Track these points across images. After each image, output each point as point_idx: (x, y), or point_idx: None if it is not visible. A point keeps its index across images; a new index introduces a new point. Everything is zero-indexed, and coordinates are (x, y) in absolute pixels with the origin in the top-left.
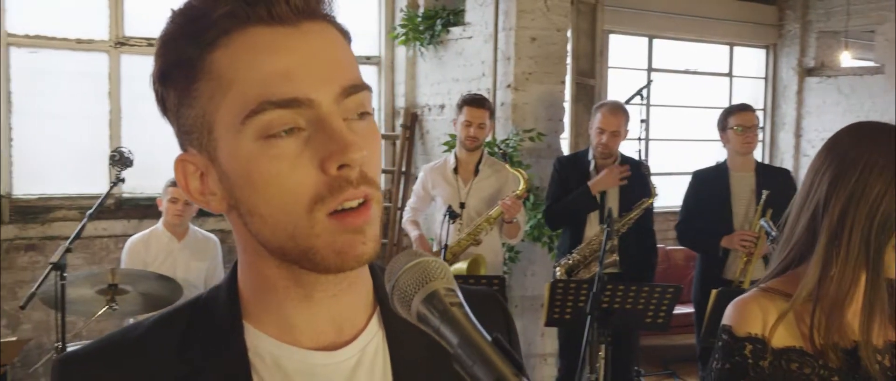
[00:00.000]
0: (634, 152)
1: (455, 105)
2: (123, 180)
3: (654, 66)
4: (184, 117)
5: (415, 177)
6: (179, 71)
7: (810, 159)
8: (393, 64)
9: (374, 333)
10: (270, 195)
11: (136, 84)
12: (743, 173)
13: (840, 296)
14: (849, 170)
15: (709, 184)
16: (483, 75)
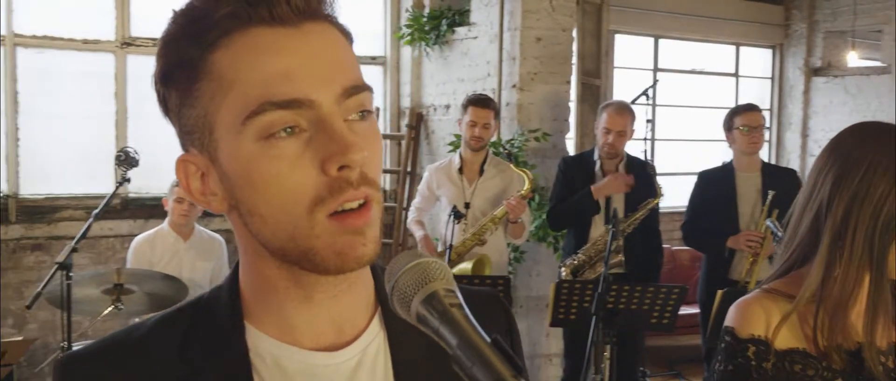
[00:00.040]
0: (640, 152)
1: (460, 105)
2: (129, 180)
3: (660, 66)
4: (185, 118)
5: (420, 177)
6: (181, 71)
7: None
8: (398, 64)
9: (376, 333)
10: (271, 196)
11: (143, 84)
12: (749, 174)
13: (844, 297)
14: (852, 170)
15: (715, 184)
16: (488, 75)
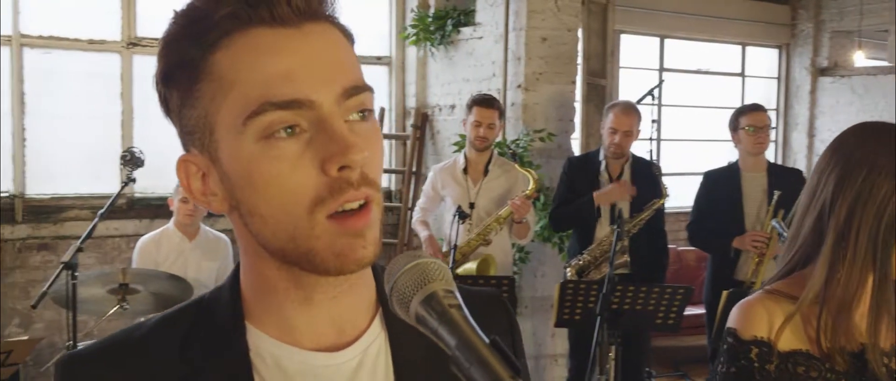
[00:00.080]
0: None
1: (465, 105)
2: (135, 180)
3: (666, 66)
4: (186, 118)
5: (425, 177)
6: (182, 72)
7: None
8: (404, 64)
9: (376, 334)
10: (271, 196)
11: (148, 85)
12: (754, 174)
13: (847, 298)
14: (855, 170)
15: (720, 184)
16: (493, 75)
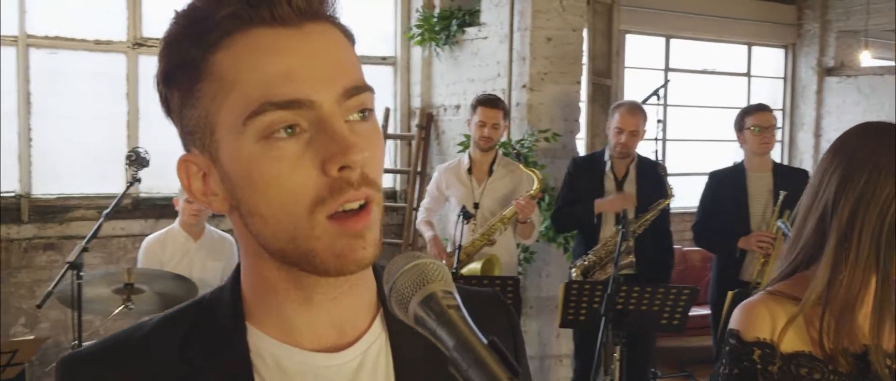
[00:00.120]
0: (651, 153)
1: (470, 105)
2: (140, 180)
3: (672, 66)
4: (187, 118)
5: (430, 177)
6: (182, 72)
7: None
8: (408, 64)
9: (377, 335)
10: (271, 196)
11: (153, 85)
12: (760, 174)
13: (850, 299)
14: (857, 171)
15: (726, 185)
16: (498, 75)
